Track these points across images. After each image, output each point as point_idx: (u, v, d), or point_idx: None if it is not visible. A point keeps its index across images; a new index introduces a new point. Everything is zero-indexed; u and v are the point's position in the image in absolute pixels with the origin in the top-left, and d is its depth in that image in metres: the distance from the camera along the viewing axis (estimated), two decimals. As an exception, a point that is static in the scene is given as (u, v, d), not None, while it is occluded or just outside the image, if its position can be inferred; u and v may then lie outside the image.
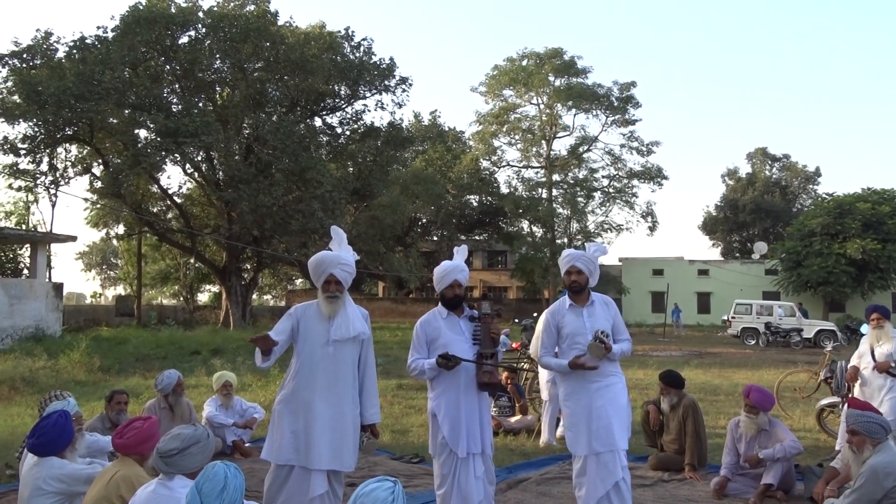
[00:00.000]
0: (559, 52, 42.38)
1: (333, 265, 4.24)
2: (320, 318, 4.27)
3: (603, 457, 4.46)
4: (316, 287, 4.34)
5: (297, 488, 4.10)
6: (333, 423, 4.17)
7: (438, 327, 4.57)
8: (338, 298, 4.24)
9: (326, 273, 4.22)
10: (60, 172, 28.08)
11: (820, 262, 34.24)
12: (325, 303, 4.26)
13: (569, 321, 4.68)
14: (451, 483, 4.44)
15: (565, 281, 4.73)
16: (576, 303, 4.73)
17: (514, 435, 7.92)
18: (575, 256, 4.71)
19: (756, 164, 59.85)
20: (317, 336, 4.23)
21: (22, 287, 21.46)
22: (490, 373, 4.43)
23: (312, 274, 4.32)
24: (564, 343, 4.69)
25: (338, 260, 4.26)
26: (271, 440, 4.28)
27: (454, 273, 4.58)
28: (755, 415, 5.72)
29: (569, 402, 4.67)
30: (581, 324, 4.64)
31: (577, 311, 4.70)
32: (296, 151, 27.14)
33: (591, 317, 4.66)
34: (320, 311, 4.29)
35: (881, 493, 4.09)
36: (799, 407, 9.77)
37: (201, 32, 28.86)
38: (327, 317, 4.24)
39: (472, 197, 46.61)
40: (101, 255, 73.88)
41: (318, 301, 4.35)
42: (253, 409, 7.68)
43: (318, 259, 4.29)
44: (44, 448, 4.07)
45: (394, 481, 2.46)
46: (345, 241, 4.40)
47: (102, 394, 9.38)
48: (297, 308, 4.37)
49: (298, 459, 4.13)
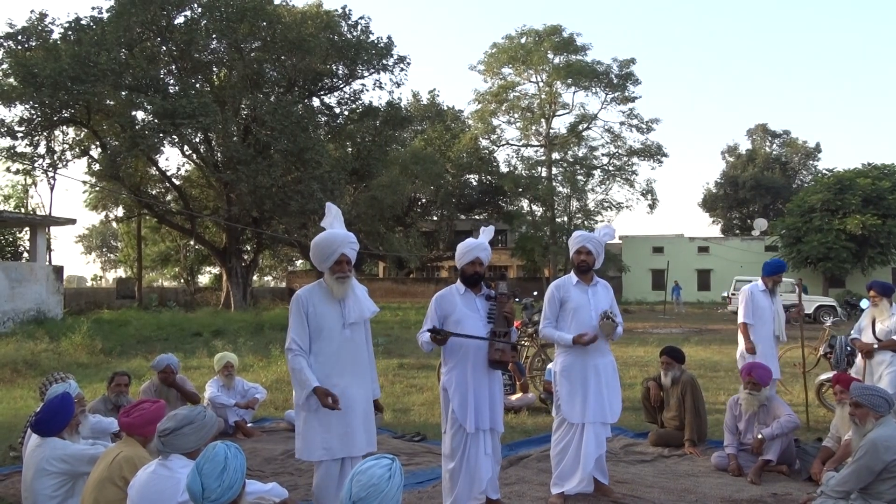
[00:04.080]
0: (558, 30, 42.09)
1: (345, 244, 4.11)
2: (330, 301, 4.13)
3: (596, 427, 4.89)
4: (319, 269, 4.20)
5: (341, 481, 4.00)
6: (366, 406, 4.20)
7: (454, 303, 4.58)
8: (348, 279, 4.15)
9: (338, 253, 4.09)
10: (58, 155, 28.05)
11: (820, 237, 34.24)
12: (336, 284, 4.12)
13: (574, 297, 5.01)
14: (461, 459, 4.47)
15: (574, 260, 5.07)
16: (582, 281, 5.06)
17: (516, 412, 7.96)
18: (586, 238, 5.04)
19: (756, 140, 59.67)
20: (332, 321, 4.10)
21: (22, 270, 21.46)
22: (502, 351, 4.45)
23: (320, 255, 4.13)
24: (567, 317, 4.99)
25: (348, 238, 4.14)
26: (309, 438, 4.04)
27: (477, 250, 4.59)
28: (757, 391, 5.74)
29: (568, 374, 4.95)
30: (586, 301, 4.99)
31: (582, 289, 5.04)
32: (294, 132, 27.05)
33: (594, 296, 5.03)
34: (327, 294, 4.15)
35: (881, 465, 4.11)
36: (798, 382, 9.80)
37: (197, 12, 28.62)
38: (339, 298, 4.14)
39: (471, 176, 46.55)
40: (100, 237, 73.86)
41: (322, 283, 4.20)
42: (254, 390, 7.71)
43: (328, 239, 4.12)
44: (44, 426, 4.10)
45: (392, 458, 2.45)
46: (340, 217, 4.28)
47: (104, 376, 9.43)
48: (301, 295, 4.16)
49: (345, 450, 4.05)
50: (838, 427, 5.33)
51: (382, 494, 2.31)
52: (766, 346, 6.84)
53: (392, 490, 2.34)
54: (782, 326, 6.98)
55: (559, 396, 5.00)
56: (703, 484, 5.33)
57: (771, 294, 6.96)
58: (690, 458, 6.05)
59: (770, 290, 6.95)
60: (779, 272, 6.99)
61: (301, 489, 5.28)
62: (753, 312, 6.88)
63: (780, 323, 6.95)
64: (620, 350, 14.93)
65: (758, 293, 6.95)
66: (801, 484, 5.29)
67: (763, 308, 6.90)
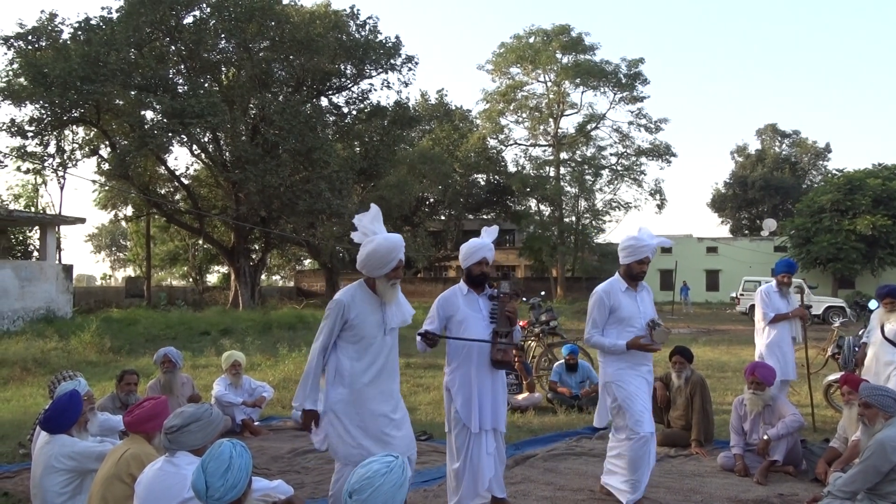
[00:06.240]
0: (566, 29, 42.05)
1: (402, 249, 4.06)
2: (372, 306, 4.07)
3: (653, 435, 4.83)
4: (371, 274, 4.07)
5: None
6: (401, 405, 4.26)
7: (457, 304, 4.58)
8: (399, 282, 4.15)
9: (396, 259, 4.02)
10: (68, 154, 28.20)
11: (829, 238, 34.06)
12: (391, 290, 4.07)
13: (625, 305, 4.85)
14: (465, 458, 4.48)
15: (635, 269, 4.85)
16: (630, 287, 4.91)
17: (522, 412, 7.95)
18: (652, 248, 4.85)
19: (766, 140, 59.41)
20: (373, 326, 4.05)
21: (32, 269, 21.58)
22: (504, 351, 4.46)
23: (380, 261, 3.99)
24: (617, 325, 4.84)
25: (402, 243, 4.09)
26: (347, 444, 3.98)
27: (483, 251, 4.58)
28: (762, 391, 5.73)
29: (619, 382, 4.80)
30: (636, 309, 4.87)
31: (631, 296, 4.90)
32: (302, 131, 27.12)
33: (642, 302, 4.92)
34: (369, 298, 4.08)
35: (888, 466, 4.10)
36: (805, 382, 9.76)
37: (206, 12, 28.73)
38: (389, 303, 4.10)
39: (479, 176, 46.52)
40: (109, 236, 74.26)
41: (363, 286, 4.13)
42: (262, 388, 7.75)
43: (389, 244, 3.99)
44: (53, 424, 4.13)
45: (395, 456, 2.49)
46: (380, 217, 4.19)
47: (113, 374, 9.47)
48: (343, 300, 4.02)
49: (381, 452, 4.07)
50: (846, 428, 5.32)
51: (374, 488, 2.36)
52: (785, 345, 6.94)
53: (386, 485, 2.37)
54: (798, 327, 7.01)
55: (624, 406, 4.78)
56: (709, 484, 5.33)
57: (783, 294, 7.00)
58: (697, 458, 6.05)
59: (782, 289, 7.01)
60: (790, 271, 7.00)
61: (307, 487, 5.30)
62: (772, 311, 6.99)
63: (797, 323, 6.99)
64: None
65: (773, 293, 7.02)
66: (807, 484, 5.27)
67: (779, 307, 6.98)
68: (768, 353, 6.93)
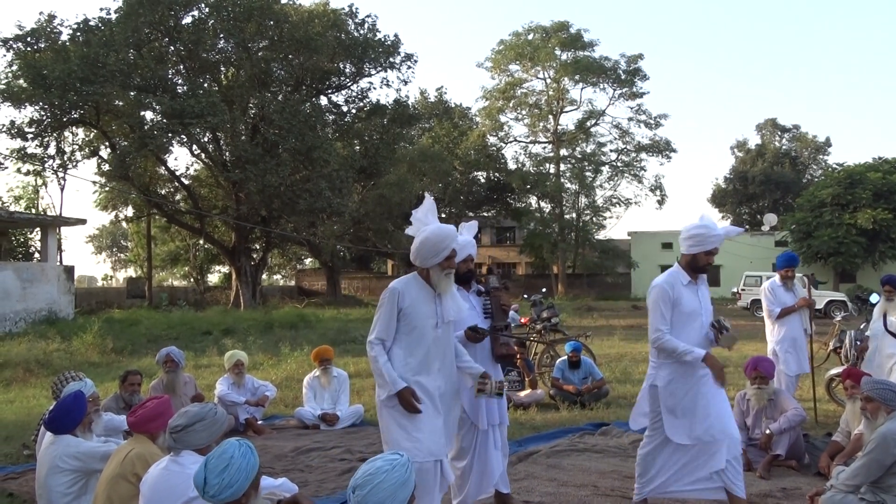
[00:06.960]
0: (565, 26, 42.02)
1: (454, 238, 4.01)
2: (426, 297, 3.97)
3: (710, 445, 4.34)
4: (423, 265, 3.98)
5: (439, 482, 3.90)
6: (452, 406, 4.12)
7: None
8: (452, 274, 4.06)
9: (449, 248, 3.93)
10: (68, 156, 28.23)
11: (830, 232, 34.03)
12: (445, 280, 3.96)
13: (687, 300, 4.44)
14: (472, 456, 4.46)
15: (702, 260, 4.46)
16: (692, 280, 4.51)
17: (524, 409, 7.97)
18: (721, 238, 4.43)
19: (765, 135, 59.35)
20: (426, 318, 3.93)
21: (34, 271, 21.60)
22: (507, 344, 4.45)
23: (433, 249, 3.90)
24: (679, 320, 4.43)
25: (455, 232, 4.06)
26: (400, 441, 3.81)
27: (468, 248, 4.47)
28: (765, 385, 5.74)
29: (672, 388, 4.43)
30: (697, 304, 4.48)
31: (693, 290, 4.49)
32: (302, 131, 27.13)
33: (703, 297, 4.54)
34: (424, 289, 3.98)
35: (891, 459, 4.10)
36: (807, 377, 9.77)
37: (204, 12, 28.74)
38: (444, 294, 3.99)
39: (479, 173, 46.53)
40: (110, 237, 74.24)
41: (417, 277, 4.03)
42: (265, 388, 7.76)
43: (442, 233, 3.94)
44: (57, 424, 4.15)
45: (401, 454, 2.50)
46: (435, 209, 4.13)
47: (116, 374, 9.49)
48: (399, 288, 3.93)
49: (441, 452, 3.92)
50: (848, 421, 5.32)
51: (375, 484, 2.37)
52: (798, 337, 6.92)
53: (388, 482, 2.38)
54: (808, 319, 7.00)
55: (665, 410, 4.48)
56: (712, 479, 5.32)
57: (788, 288, 6.99)
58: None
59: (786, 283, 6.99)
60: (791, 265, 7.00)
61: (311, 485, 5.31)
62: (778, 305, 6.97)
63: (806, 315, 7.00)
64: (630, 346, 14.92)
65: (777, 287, 7.01)
66: (810, 478, 5.28)
67: (785, 301, 6.96)
68: (782, 349, 6.88)
